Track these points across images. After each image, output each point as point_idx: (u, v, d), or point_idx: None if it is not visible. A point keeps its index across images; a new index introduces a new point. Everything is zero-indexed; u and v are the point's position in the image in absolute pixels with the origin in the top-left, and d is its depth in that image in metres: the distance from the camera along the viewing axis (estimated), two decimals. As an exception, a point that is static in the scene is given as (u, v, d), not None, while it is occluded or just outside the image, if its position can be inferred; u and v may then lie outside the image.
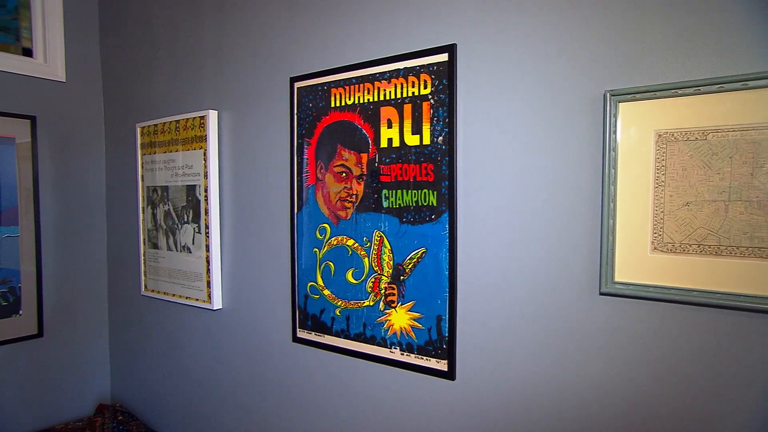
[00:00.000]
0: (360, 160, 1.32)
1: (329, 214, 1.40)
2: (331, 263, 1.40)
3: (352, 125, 1.33)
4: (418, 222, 1.23)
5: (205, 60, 1.73)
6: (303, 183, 1.45)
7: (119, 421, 2.02)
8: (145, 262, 2.00)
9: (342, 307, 1.39)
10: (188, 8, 1.79)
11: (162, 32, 1.90)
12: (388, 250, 1.28)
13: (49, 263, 2.09)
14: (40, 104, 2.04)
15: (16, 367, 2.02)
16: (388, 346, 1.30)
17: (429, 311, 1.22)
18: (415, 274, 1.24)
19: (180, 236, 1.82)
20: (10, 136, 1.97)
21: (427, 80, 1.19)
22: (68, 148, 2.13)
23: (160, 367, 2.02)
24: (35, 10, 2.01)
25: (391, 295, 1.29)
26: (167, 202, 1.86)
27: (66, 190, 2.13)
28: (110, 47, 2.16)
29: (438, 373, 1.21)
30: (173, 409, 1.96)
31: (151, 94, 1.96)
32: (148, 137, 1.94)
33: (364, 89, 1.30)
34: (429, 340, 1.23)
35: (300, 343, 1.50)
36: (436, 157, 1.19)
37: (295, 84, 1.45)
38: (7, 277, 1.98)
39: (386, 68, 1.26)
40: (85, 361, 2.22)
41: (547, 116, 1.04)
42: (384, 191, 1.28)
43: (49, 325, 2.10)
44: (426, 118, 1.19)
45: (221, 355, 1.75)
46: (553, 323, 1.05)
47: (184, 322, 1.88)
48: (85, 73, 2.17)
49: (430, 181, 1.20)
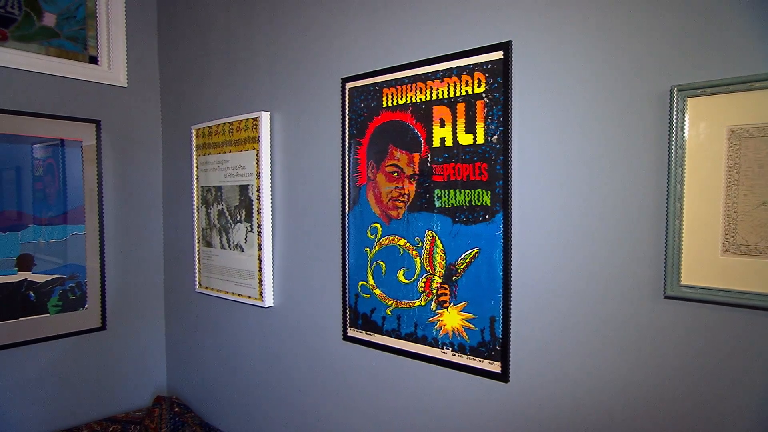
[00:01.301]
0: (412, 159, 1.32)
1: (380, 214, 1.40)
2: (382, 263, 1.41)
3: (404, 125, 1.33)
4: (472, 222, 1.21)
5: (257, 63, 1.78)
6: (354, 183, 1.46)
7: (175, 412, 2.10)
8: (199, 260, 2.07)
9: (393, 306, 1.39)
10: (242, 13, 1.83)
11: (216, 37, 1.96)
12: (440, 249, 1.28)
13: (111, 260, 2.20)
14: (104, 109, 2.15)
15: (82, 358, 2.13)
16: (440, 346, 1.29)
17: (482, 312, 1.21)
18: (468, 275, 1.23)
19: (233, 235, 1.87)
20: (77, 140, 2.08)
21: (481, 79, 1.17)
22: (128, 150, 2.23)
23: (213, 363, 2.08)
24: (101, 20, 2.11)
25: (443, 295, 1.28)
26: (221, 201, 1.92)
27: (126, 191, 2.23)
28: (167, 53, 2.25)
29: (491, 374, 1.20)
30: (225, 404, 2.02)
31: (206, 97, 2.03)
32: (202, 139, 2.00)
33: (417, 89, 1.30)
34: (482, 341, 1.21)
35: (350, 342, 1.51)
36: (490, 156, 1.17)
37: (346, 84, 1.47)
38: (75, 273, 2.10)
39: (439, 67, 1.25)
40: (144, 354, 2.32)
41: (608, 113, 1.01)
42: (436, 191, 1.27)
43: (111, 319, 2.21)
44: (480, 117, 1.18)
45: (272, 352, 1.79)
46: (612, 326, 1.02)
47: (236, 319, 1.94)
48: (145, 78, 2.27)
49: (483, 180, 1.19)
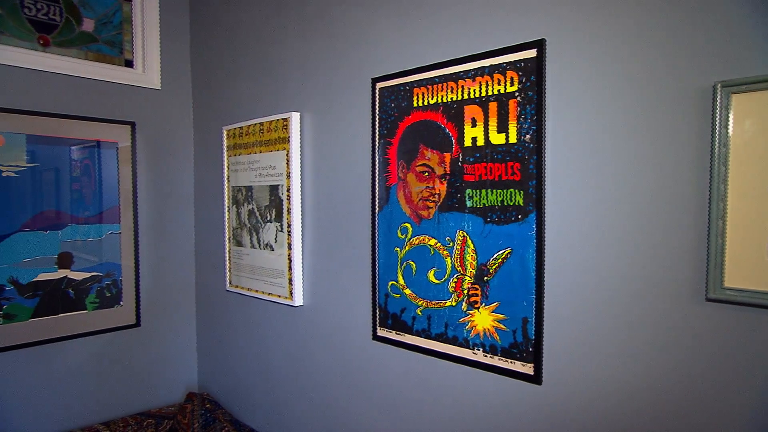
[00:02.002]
0: (443, 159, 1.31)
1: (411, 214, 1.40)
2: (412, 262, 1.40)
3: (435, 125, 1.33)
4: (504, 222, 1.20)
5: (288, 64, 1.80)
6: (384, 183, 1.47)
7: (207, 408, 2.14)
8: (230, 259, 2.11)
9: (423, 306, 1.39)
10: (272, 15, 1.86)
11: (247, 39, 1.99)
12: (471, 250, 1.27)
13: (145, 258, 2.25)
14: (139, 111, 2.20)
15: (118, 354, 2.19)
16: (471, 347, 1.29)
17: (514, 313, 1.19)
18: (500, 275, 1.22)
19: (263, 234, 1.90)
20: (113, 141, 2.14)
21: (513, 77, 1.16)
22: (161, 151, 2.29)
23: (243, 360, 2.11)
24: (136, 24, 2.17)
25: (474, 296, 1.27)
26: (251, 201, 1.95)
27: (159, 191, 2.29)
28: (199, 56, 2.29)
29: (523, 376, 1.19)
30: (255, 401, 2.05)
31: (237, 98, 2.06)
32: (233, 139, 2.04)
33: (448, 88, 1.30)
34: (514, 343, 1.20)
35: (380, 342, 1.52)
36: (523, 155, 1.16)
37: (376, 84, 1.47)
38: (111, 271, 2.15)
39: (471, 66, 1.25)
40: (176, 351, 2.37)
41: (646, 111, 0.98)
42: (468, 191, 1.27)
43: (145, 316, 2.26)
44: (512, 116, 1.17)
45: (302, 350, 1.80)
46: (651, 329, 1.00)
47: (266, 318, 1.96)
48: (178, 80, 2.32)
49: (516, 180, 1.17)
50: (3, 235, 1.87)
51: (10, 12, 1.86)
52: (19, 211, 1.91)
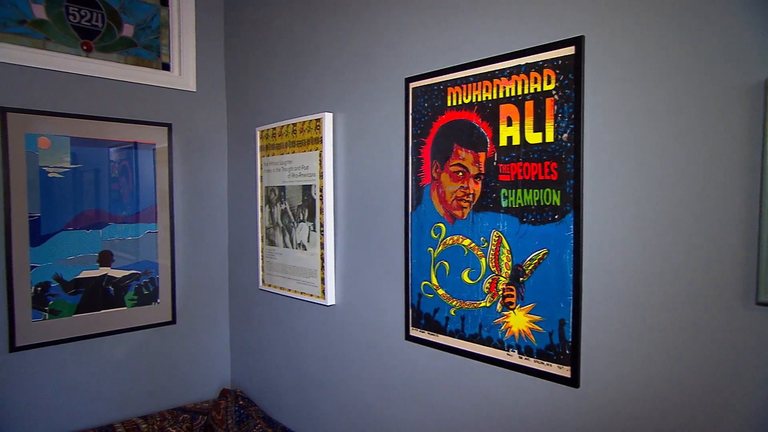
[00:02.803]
0: (477, 159, 1.30)
1: (444, 214, 1.40)
2: (446, 263, 1.40)
3: (470, 124, 1.32)
4: (540, 222, 1.19)
5: (321, 64, 1.81)
6: (417, 183, 1.46)
7: (240, 405, 2.17)
8: (263, 258, 2.14)
9: (457, 307, 1.38)
10: (305, 16, 1.88)
11: (280, 40, 2.02)
12: (506, 250, 1.26)
13: (181, 257, 2.30)
14: (175, 113, 2.26)
15: (154, 350, 2.25)
16: (506, 348, 1.27)
17: (550, 314, 1.18)
18: (536, 276, 1.20)
19: (296, 234, 1.92)
20: (150, 143, 2.20)
21: (551, 75, 1.15)
22: (196, 152, 2.34)
23: (275, 358, 2.14)
24: (173, 28, 2.22)
25: (509, 297, 1.26)
26: (284, 201, 1.97)
27: (193, 191, 2.34)
28: (233, 58, 2.33)
29: (560, 379, 1.17)
30: (287, 399, 2.07)
31: (270, 100, 2.09)
32: (266, 140, 2.07)
33: (483, 87, 1.29)
34: (550, 345, 1.18)
35: (413, 342, 1.51)
36: (560, 155, 1.14)
37: (410, 84, 1.47)
38: (148, 269, 2.21)
39: (506, 65, 1.23)
40: (209, 348, 2.42)
41: (691, 108, 0.95)
42: (503, 190, 1.25)
43: (181, 314, 2.32)
44: (549, 115, 1.15)
45: (334, 349, 1.82)
46: (695, 333, 0.97)
47: (298, 317, 1.98)
48: (212, 82, 2.37)
49: (553, 180, 1.16)
50: (48, 234, 1.94)
51: (56, 20, 1.93)
52: (64, 210, 1.98)
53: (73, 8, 1.97)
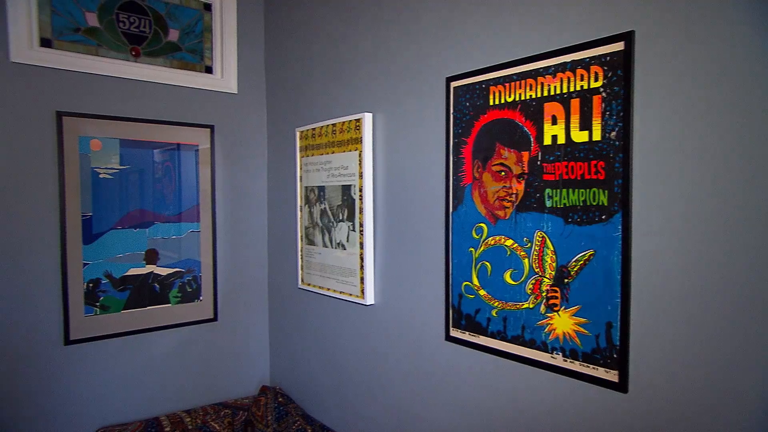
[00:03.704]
0: (521, 158, 1.29)
1: (486, 214, 1.38)
2: (487, 263, 1.39)
3: (513, 123, 1.30)
4: (586, 222, 1.16)
5: (361, 65, 1.83)
6: (458, 182, 1.46)
7: (279, 402, 2.21)
8: (302, 258, 2.17)
9: (499, 308, 1.36)
10: (346, 16, 1.89)
11: (320, 41, 2.04)
12: (550, 251, 1.24)
13: (222, 256, 2.36)
14: (217, 114, 2.31)
15: (197, 346, 2.31)
16: (549, 351, 1.25)
17: (597, 317, 1.15)
18: (582, 277, 1.18)
19: (335, 233, 1.94)
20: (193, 144, 2.26)
21: (598, 72, 1.12)
22: (237, 152, 2.39)
23: (313, 357, 2.16)
24: (215, 32, 2.28)
25: (553, 298, 1.24)
26: (323, 201, 2.00)
27: (234, 191, 2.39)
28: (273, 59, 2.37)
29: (607, 383, 1.14)
30: (325, 397, 2.10)
31: (310, 100, 2.12)
32: (306, 140, 2.09)
33: (526, 86, 1.27)
34: (596, 348, 1.15)
35: (453, 342, 1.51)
36: (607, 153, 1.11)
37: (451, 84, 1.47)
38: (191, 267, 2.28)
39: (551, 62, 1.21)
40: (249, 345, 2.47)
41: (748, 105, 0.92)
42: (547, 190, 1.23)
43: (222, 311, 2.37)
44: (596, 113, 1.13)
45: (373, 349, 1.83)
46: (754, 338, 0.93)
47: (337, 316, 2.00)
48: (253, 84, 2.41)
49: (600, 179, 1.13)
50: (100, 233, 2.02)
51: (107, 27, 2.01)
52: (113, 210, 2.06)
53: (123, 15, 2.04)
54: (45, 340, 1.92)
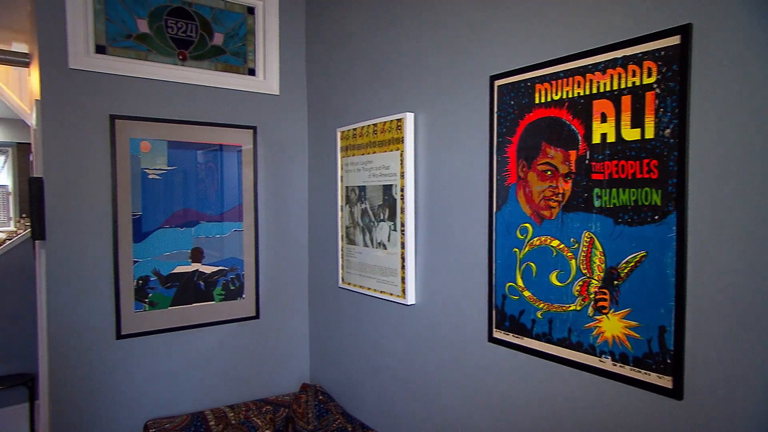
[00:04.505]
0: (568, 157, 1.26)
1: (531, 214, 1.36)
2: (532, 264, 1.36)
3: (559, 121, 1.28)
4: (637, 223, 1.13)
5: (402, 65, 1.83)
6: (502, 182, 1.44)
7: (320, 400, 2.23)
8: (342, 257, 2.18)
9: (544, 309, 1.34)
10: (387, 16, 1.90)
11: (361, 42, 2.05)
12: (599, 252, 1.21)
13: (264, 255, 2.40)
14: (260, 116, 2.36)
15: (240, 343, 2.36)
16: (598, 354, 1.22)
17: (649, 321, 1.11)
18: (633, 280, 1.14)
19: (376, 233, 1.95)
20: (236, 145, 2.31)
21: (651, 68, 1.08)
22: (279, 153, 2.43)
23: (353, 355, 2.18)
24: (258, 35, 2.33)
25: (602, 301, 1.21)
26: (364, 201, 2.01)
27: (276, 191, 2.43)
28: (315, 60, 2.40)
29: (660, 389, 1.10)
30: (365, 396, 2.11)
31: (351, 101, 2.13)
32: (347, 141, 2.11)
33: (574, 83, 1.24)
34: (648, 353, 1.12)
35: (496, 344, 1.49)
36: (661, 152, 1.08)
37: (495, 82, 1.45)
38: (234, 266, 2.33)
39: (600, 58, 1.18)
40: (290, 343, 2.51)
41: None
42: (596, 190, 1.20)
43: (264, 309, 2.42)
44: (649, 110, 1.09)
45: (414, 348, 1.82)
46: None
47: (378, 316, 2.01)
48: (294, 86, 2.45)
49: (653, 178, 1.10)
50: (148, 231, 2.10)
51: (157, 33, 2.08)
52: (161, 209, 2.13)
53: (171, 21, 2.11)
54: (99, 335, 2.00)
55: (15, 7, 3.05)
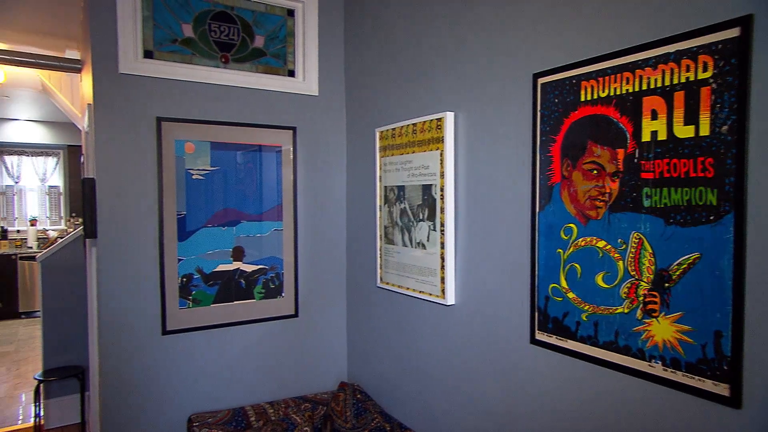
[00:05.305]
0: (615, 156, 1.23)
1: (576, 214, 1.33)
2: (577, 265, 1.33)
3: (606, 119, 1.24)
4: (691, 223, 1.08)
5: (442, 64, 1.82)
6: (546, 182, 1.41)
7: (358, 399, 2.24)
8: (381, 257, 2.19)
9: (589, 312, 1.31)
10: (425, 16, 1.89)
11: (400, 42, 2.05)
12: (648, 253, 1.17)
13: (303, 254, 2.43)
14: (299, 116, 2.39)
15: (279, 341, 2.40)
16: (647, 359, 1.18)
17: (703, 325, 1.07)
18: (685, 282, 1.10)
19: (415, 233, 1.94)
20: (276, 145, 2.35)
21: (707, 62, 1.04)
22: (317, 153, 2.45)
23: (391, 355, 2.18)
24: (298, 36, 2.36)
25: (651, 303, 1.17)
26: (403, 200, 2.00)
27: (315, 191, 2.46)
28: (353, 61, 2.41)
29: (716, 397, 1.06)
30: (403, 396, 2.10)
31: (389, 101, 2.13)
32: (385, 141, 2.11)
33: (622, 79, 1.21)
34: (703, 358, 1.07)
35: (538, 346, 1.46)
36: (717, 149, 1.03)
37: (538, 80, 1.42)
38: (274, 264, 2.37)
39: (651, 54, 1.14)
40: (328, 342, 2.53)
41: None
42: (645, 189, 1.16)
43: (302, 308, 2.45)
44: (704, 106, 1.05)
45: (453, 349, 1.81)
46: None
47: (416, 315, 2.00)
48: (333, 86, 2.47)
49: (708, 177, 1.05)
50: (192, 231, 2.15)
51: (201, 37, 2.14)
52: (204, 209, 2.18)
53: (215, 25, 2.16)
54: (146, 330, 2.07)
55: (69, 17, 3.20)
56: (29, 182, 7.79)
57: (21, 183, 7.72)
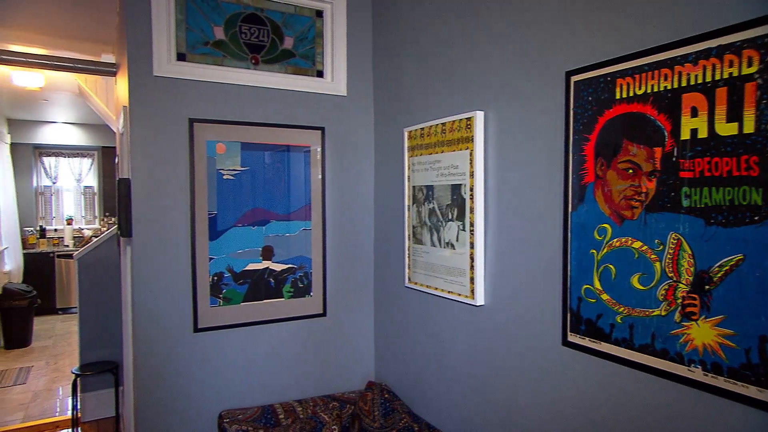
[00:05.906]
0: (652, 154, 1.19)
1: (611, 214, 1.30)
2: (611, 266, 1.30)
3: (643, 117, 1.21)
4: (733, 224, 1.05)
5: (471, 63, 1.80)
6: (579, 181, 1.38)
7: (385, 398, 2.25)
8: (409, 256, 2.18)
9: (624, 314, 1.28)
10: (454, 14, 1.88)
11: (428, 41, 2.04)
12: (687, 254, 1.13)
13: (331, 253, 2.45)
14: (328, 117, 2.40)
15: (307, 339, 2.41)
16: (686, 363, 1.15)
17: (747, 330, 1.03)
18: (727, 285, 1.06)
19: (444, 233, 1.93)
20: (305, 145, 2.36)
21: (752, 57, 1.00)
22: (345, 153, 2.46)
23: (419, 355, 2.17)
24: (326, 37, 2.37)
25: (690, 306, 1.13)
26: (432, 200, 1.99)
27: (343, 191, 2.47)
28: (381, 61, 2.42)
29: (761, 404, 1.02)
30: (431, 396, 2.09)
31: (418, 100, 2.13)
32: (414, 140, 2.11)
33: (660, 76, 1.17)
34: (747, 364, 1.04)
35: (571, 348, 1.44)
36: (763, 147, 1.00)
37: (571, 78, 1.40)
38: (303, 264, 2.39)
39: (691, 49, 1.11)
40: (356, 341, 2.54)
41: None
42: (684, 189, 1.13)
43: (330, 307, 2.46)
44: (749, 102, 1.01)
45: (483, 350, 1.79)
46: None
47: (445, 316, 1.99)
48: (361, 86, 2.48)
49: (752, 176, 1.01)
50: (223, 230, 2.19)
51: (232, 39, 2.17)
52: (234, 209, 2.22)
53: (245, 27, 2.19)
54: (178, 327, 2.12)
55: (105, 22, 3.29)
56: (66, 183, 8.05)
57: (58, 183, 7.98)
